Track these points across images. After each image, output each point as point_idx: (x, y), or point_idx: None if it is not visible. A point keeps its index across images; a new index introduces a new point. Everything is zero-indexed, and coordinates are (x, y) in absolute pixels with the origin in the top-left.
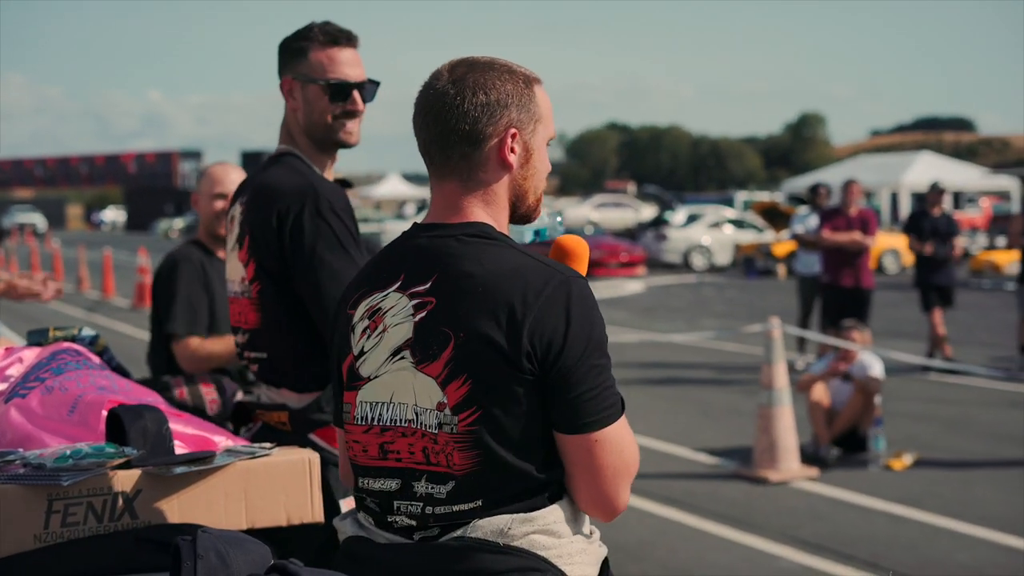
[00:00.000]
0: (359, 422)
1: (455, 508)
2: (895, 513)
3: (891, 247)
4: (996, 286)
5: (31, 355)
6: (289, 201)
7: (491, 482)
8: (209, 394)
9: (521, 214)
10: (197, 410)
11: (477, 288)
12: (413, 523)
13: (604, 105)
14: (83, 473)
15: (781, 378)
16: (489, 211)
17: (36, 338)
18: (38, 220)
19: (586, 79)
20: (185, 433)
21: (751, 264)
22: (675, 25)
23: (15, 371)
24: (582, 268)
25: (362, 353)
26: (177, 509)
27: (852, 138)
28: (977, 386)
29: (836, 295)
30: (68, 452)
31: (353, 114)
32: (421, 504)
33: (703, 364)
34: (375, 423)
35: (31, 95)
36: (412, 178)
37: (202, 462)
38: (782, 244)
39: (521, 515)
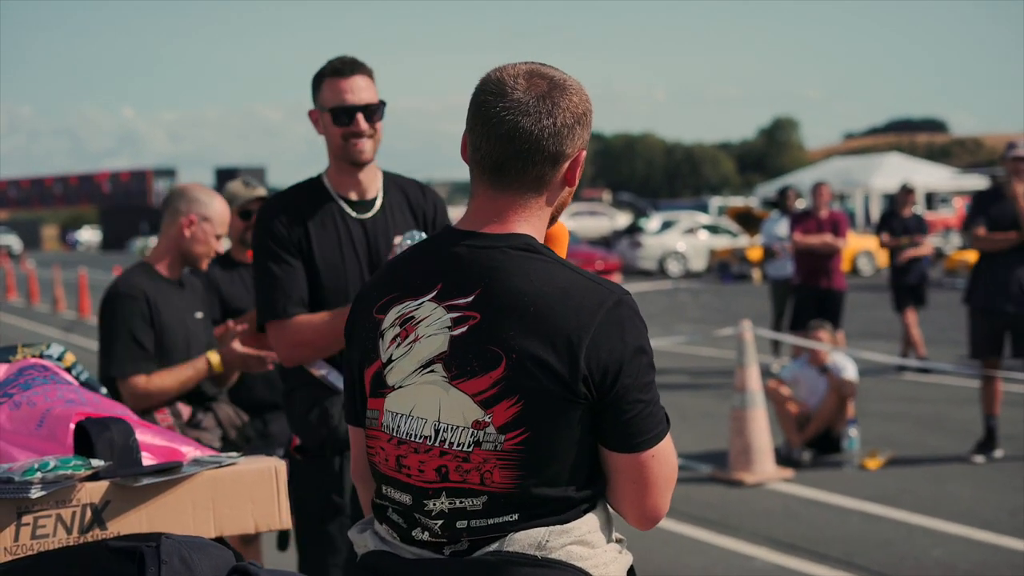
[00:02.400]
0: (385, 430)
1: (489, 522)
2: (870, 512)
3: (865, 249)
4: None
5: None
6: None
7: (530, 499)
8: (164, 420)
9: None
10: None
11: (528, 307)
12: (442, 538)
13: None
14: (51, 485)
15: (754, 381)
16: (533, 225)
17: (4, 355)
18: (13, 241)
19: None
20: (153, 444)
21: (726, 269)
22: (646, 30)
23: None
24: (562, 252)
25: (390, 361)
26: (146, 519)
27: (826, 141)
28: (951, 384)
29: (808, 297)
30: (36, 465)
31: (358, 134)
32: (441, 520)
33: (678, 369)
34: (394, 434)
35: (3, 115)
36: None
37: (169, 472)
38: (756, 249)
39: (558, 527)
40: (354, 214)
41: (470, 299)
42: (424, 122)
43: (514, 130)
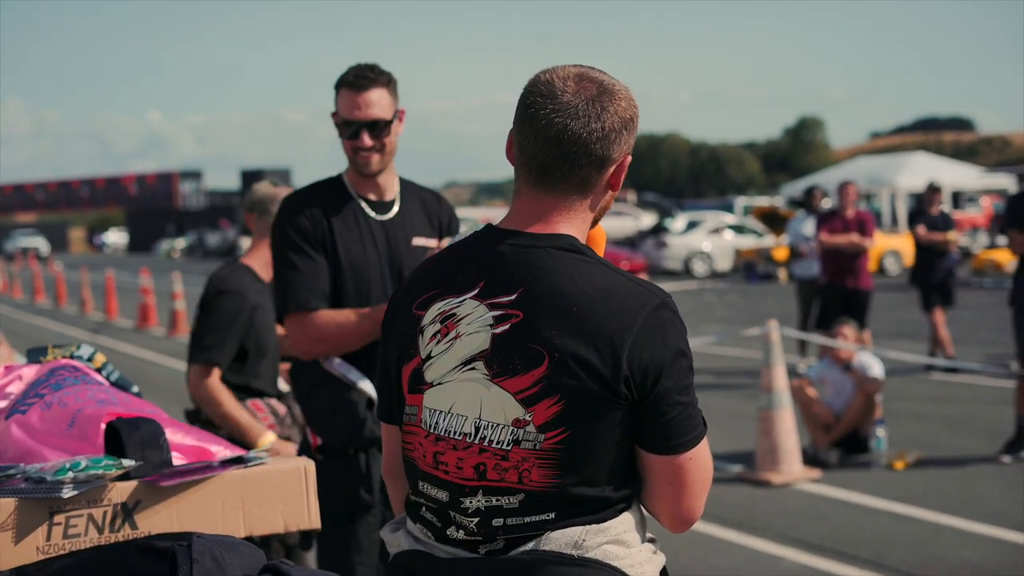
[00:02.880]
0: (423, 426)
1: (526, 520)
2: (898, 512)
3: (892, 248)
4: (997, 285)
5: (30, 372)
6: None
7: (567, 498)
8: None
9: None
10: None
11: (571, 307)
12: (478, 536)
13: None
14: (82, 485)
15: (781, 381)
16: (576, 227)
17: (35, 356)
18: (41, 244)
19: None
20: (183, 444)
21: (752, 269)
22: (671, 32)
23: (15, 388)
24: (600, 253)
25: (429, 357)
26: (176, 518)
27: (852, 140)
28: (979, 384)
29: (834, 297)
30: (67, 465)
31: (364, 148)
32: (477, 519)
33: (704, 369)
34: (432, 430)
35: (30, 119)
36: None
37: (199, 472)
38: (782, 248)
39: (594, 526)
40: (374, 214)
41: (512, 297)
42: (449, 124)
43: (563, 132)
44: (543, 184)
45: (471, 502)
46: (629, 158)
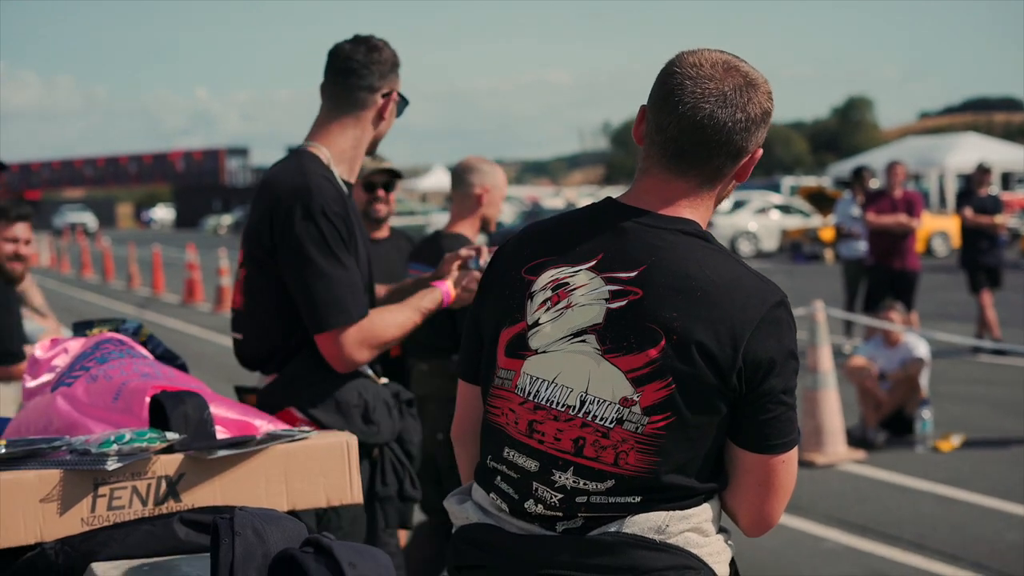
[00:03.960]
0: (519, 392)
1: (610, 500)
2: (942, 494)
3: (940, 229)
4: None
5: (76, 346)
6: (284, 197)
7: (658, 484)
8: None
9: None
10: None
11: (695, 292)
12: (557, 512)
13: (648, 93)
14: (127, 458)
15: (826, 361)
16: (700, 214)
17: (81, 330)
18: (89, 219)
19: (629, 66)
20: (227, 418)
21: (798, 249)
22: (720, 11)
23: (61, 361)
24: None
25: (536, 324)
26: (219, 492)
27: (901, 120)
28: None
29: (882, 277)
30: (112, 438)
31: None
32: (562, 495)
33: None
34: (530, 398)
35: (80, 96)
36: None
37: (242, 445)
38: (829, 229)
39: (678, 512)
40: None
41: (633, 274)
42: (495, 102)
43: (709, 119)
44: (677, 167)
45: (561, 477)
46: (760, 151)
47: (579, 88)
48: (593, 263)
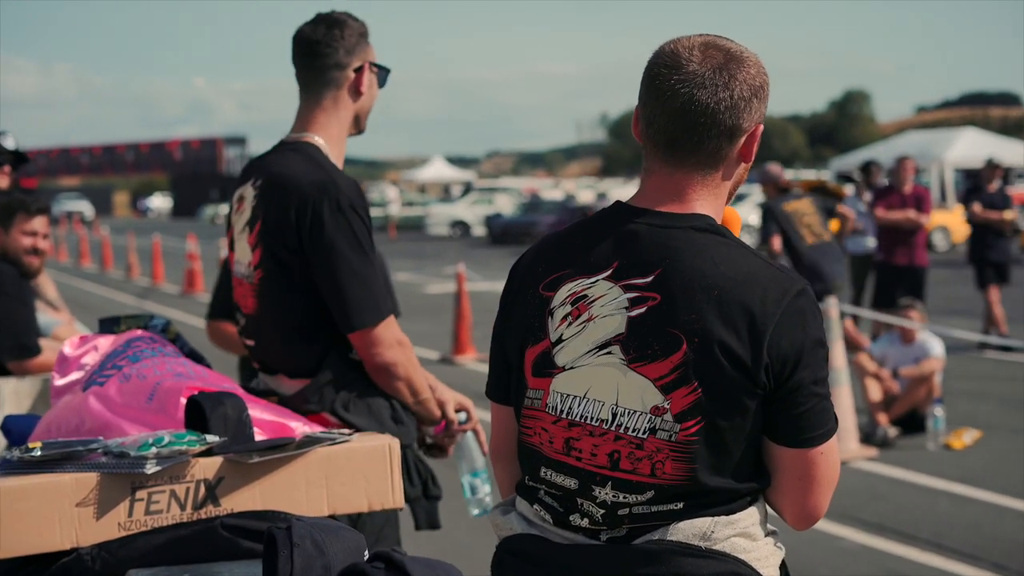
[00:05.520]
0: (550, 411)
1: (653, 509)
2: (957, 493)
3: (941, 224)
4: None
5: (106, 343)
6: (309, 194)
7: (698, 489)
8: None
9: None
10: None
11: (712, 290)
12: (601, 524)
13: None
14: (166, 461)
15: (838, 358)
16: (711, 203)
17: (108, 326)
18: (85, 208)
19: (627, 58)
20: (262, 419)
21: None
22: (718, 3)
23: (91, 359)
24: (736, 235)
25: (560, 341)
26: (259, 496)
27: (898, 114)
28: None
29: (890, 273)
30: (150, 440)
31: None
32: (604, 510)
33: None
34: (563, 416)
35: (78, 84)
36: (456, 161)
37: (282, 449)
38: (831, 223)
39: (724, 518)
40: None
41: (649, 279)
42: (492, 93)
43: (689, 103)
44: (673, 159)
45: (601, 492)
46: (761, 127)
47: (577, 80)
48: (609, 272)
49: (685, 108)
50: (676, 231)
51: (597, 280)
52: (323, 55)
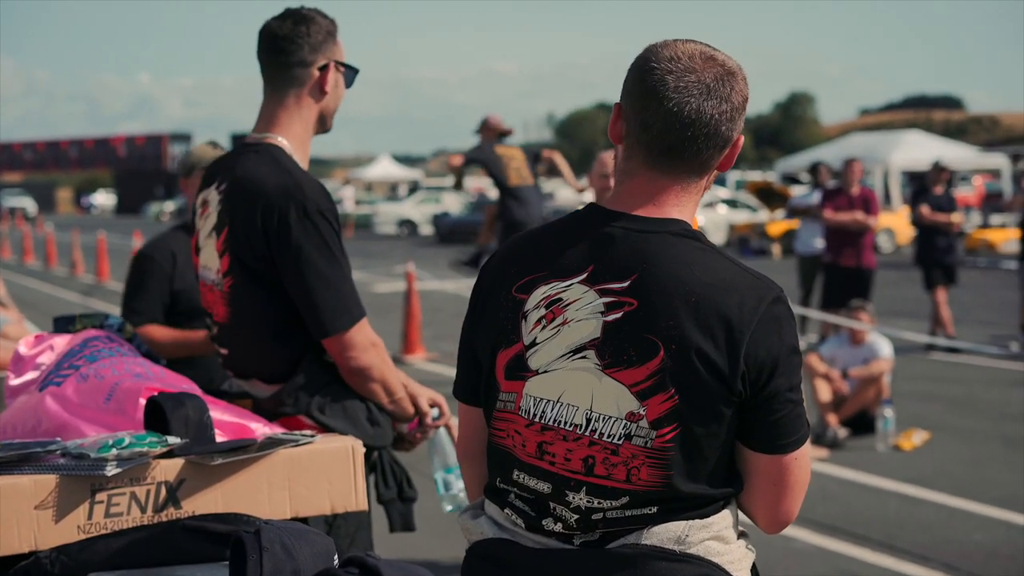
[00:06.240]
0: (523, 414)
1: (627, 514)
2: (908, 494)
3: (886, 226)
4: (992, 264)
5: (62, 342)
6: (275, 199)
7: (673, 494)
8: None
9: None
10: None
11: (689, 296)
12: (574, 529)
13: (593, 85)
14: (126, 463)
15: None
16: (687, 209)
17: (63, 325)
18: (28, 204)
19: (574, 59)
20: (222, 420)
21: (746, 244)
22: (662, 5)
23: (46, 359)
24: None
25: (534, 344)
26: (221, 498)
27: (842, 117)
28: (980, 365)
29: (838, 275)
30: (111, 441)
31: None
32: (578, 515)
33: None
34: (536, 419)
35: (20, 79)
36: (403, 160)
37: (245, 450)
38: (777, 224)
39: (698, 521)
40: None
41: (626, 284)
42: (440, 92)
43: (697, 112)
44: (665, 164)
45: (574, 497)
46: (742, 138)
47: (523, 79)
48: (585, 275)
49: (692, 118)
50: (652, 235)
51: (572, 283)
52: (287, 51)
